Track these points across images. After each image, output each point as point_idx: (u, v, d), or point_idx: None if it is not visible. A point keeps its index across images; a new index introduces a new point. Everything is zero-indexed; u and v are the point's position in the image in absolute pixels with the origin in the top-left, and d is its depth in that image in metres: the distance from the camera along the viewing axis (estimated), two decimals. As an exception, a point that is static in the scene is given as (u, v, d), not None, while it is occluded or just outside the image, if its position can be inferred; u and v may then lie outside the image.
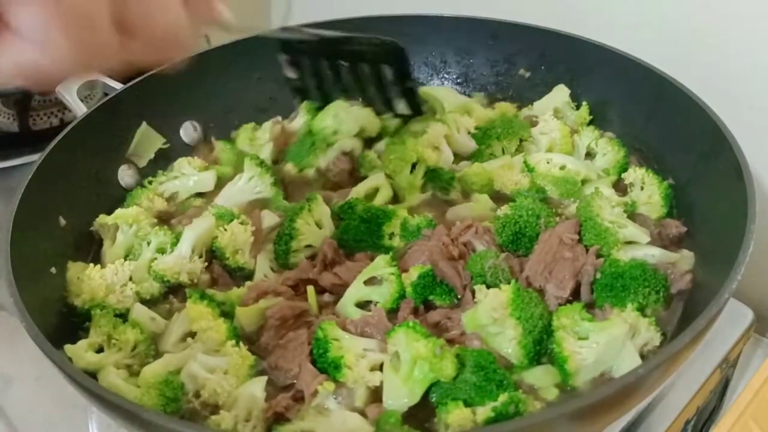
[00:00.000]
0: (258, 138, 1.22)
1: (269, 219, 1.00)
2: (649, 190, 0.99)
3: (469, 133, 1.15)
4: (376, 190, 1.05)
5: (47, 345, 0.70)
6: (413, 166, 1.05)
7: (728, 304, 0.69)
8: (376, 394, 0.75)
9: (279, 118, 1.27)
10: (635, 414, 0.88)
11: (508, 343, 0.77)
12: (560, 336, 0.76)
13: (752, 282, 1.05)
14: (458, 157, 1.13)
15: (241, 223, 0.95)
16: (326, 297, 0.88)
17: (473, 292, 0.83)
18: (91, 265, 0.92)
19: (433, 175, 1.05)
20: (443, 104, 1.22)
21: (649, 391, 0.71)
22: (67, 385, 0.69)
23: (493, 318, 0.77)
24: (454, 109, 1.21)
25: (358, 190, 1.04)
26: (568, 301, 0.84)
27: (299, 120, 1.22)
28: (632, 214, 0.97)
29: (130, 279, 0.91)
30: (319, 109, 1.16)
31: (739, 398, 0.88)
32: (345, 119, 1.13)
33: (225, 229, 0.94)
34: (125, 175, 1.14)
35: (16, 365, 1.01)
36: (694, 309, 0.78)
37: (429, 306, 0.86)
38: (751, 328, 1.00)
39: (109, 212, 1.02)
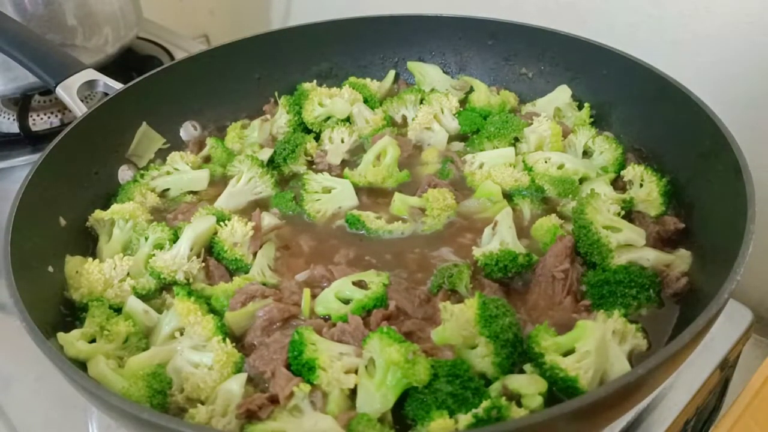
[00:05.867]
0: (247, 136, 1.23)
1: (269, 219, 1.00)
2: (648, 188, 0.99)
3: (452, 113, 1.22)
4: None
5: (44, 342, 0.70)
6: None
7: (728, 305, 0.69)
8: (350, 401, 0.74)
9: (268, 116, 1.28)
10: (635, 414, 0.88)
11: (481, 359, 0.75)
12: (554, 360, 0.73)
13: (752, 282, 1.06)
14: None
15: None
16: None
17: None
18: (90, 259, 0.92)
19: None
20: (429, 81, 1.31)
21: (649, 391, 0.71)
22: (67, 385, 0.70)
23: (462, 336, 0.77)
24: (439, 87, 1.29)
25: (368, 158, 1.08)
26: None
27: (282, 118, 1.24)
28: (630, 212, 0.97)
29: (128, 274, 0.91)
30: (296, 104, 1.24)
31: (739, 399, 0.88)
32: (334, 103, 1.22)
33: (225, 225, 0.95)
34: (125, 175, 1.14)
35: (16, 365, 1.01)
36: (694, 310, 0.78)
37: (403, 316, 0.85)
38: (751, 328, 1.00)
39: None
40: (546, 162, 1.07)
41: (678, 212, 0.97)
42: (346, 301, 0.85)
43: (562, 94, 1.21)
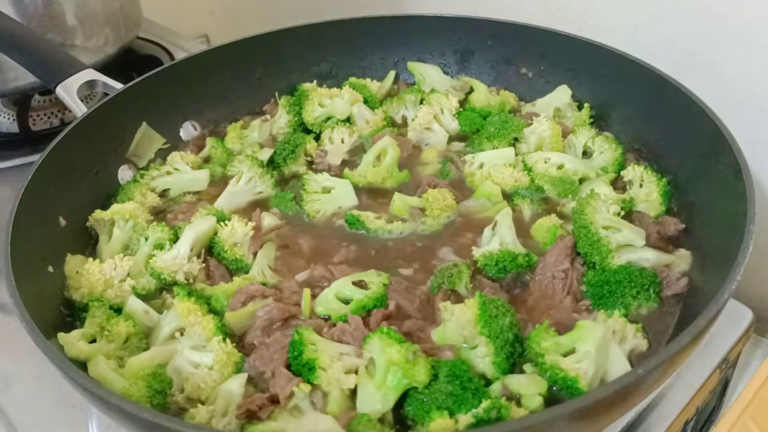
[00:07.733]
0: (247, 136, 1.23)
1: (269, 219, 1.00)
2: (647, 188, 1.00)
3: (452, 113, 1.22)
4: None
5: (44, 342, 0.70)
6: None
7: (728, 305, 0.69)
8: (350, 401, 0.74)
9: (268, 116, 1.28)
10: (635, 414, 0.88)
11: (481, 359, 0.75)
12: (554, 360, 0.73)
13: (752, 282, 1.05)
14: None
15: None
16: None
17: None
18: (90, 259, 0.92)
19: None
20: (429, 81, 1.31)
21: (649, 391, 0.71)
22: (67, 385, 0.69)
23: (462, 336, 0.77)
24: (439, 87, 1.29)
25: (368, 158, 1.09)
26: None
27: (282, 118, 1.24)
28: (630, 212, 0.97)
29: (128, 275, 0.91)
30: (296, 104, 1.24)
31: (739, 399, 0.88)
32: (334, 103, 1.22)
33: (225, 225, 0.95)
34: (125, 175, 1.14)
35: (16, 365, 1.01)
36: (694, 310, 0.78)
37: (403, 316, 0.85)
38: (751, 328, 1.00)
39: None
40: (546, 162, 1.07)
41: (678, 212, 0.98)
42: (346, 301, 0.85)
43: (562, 94, 1.21)
